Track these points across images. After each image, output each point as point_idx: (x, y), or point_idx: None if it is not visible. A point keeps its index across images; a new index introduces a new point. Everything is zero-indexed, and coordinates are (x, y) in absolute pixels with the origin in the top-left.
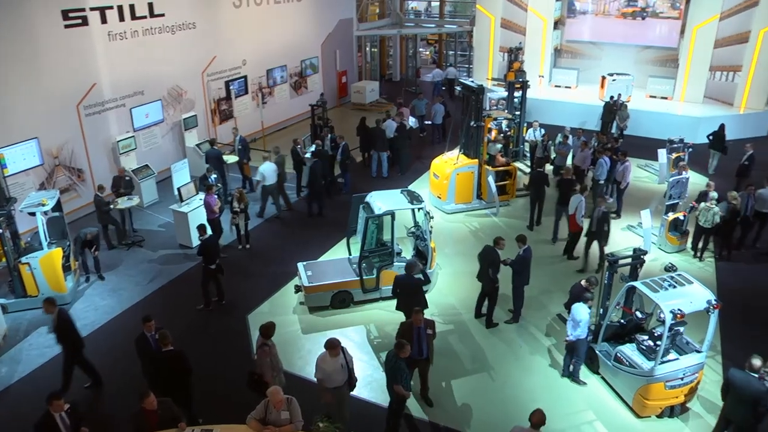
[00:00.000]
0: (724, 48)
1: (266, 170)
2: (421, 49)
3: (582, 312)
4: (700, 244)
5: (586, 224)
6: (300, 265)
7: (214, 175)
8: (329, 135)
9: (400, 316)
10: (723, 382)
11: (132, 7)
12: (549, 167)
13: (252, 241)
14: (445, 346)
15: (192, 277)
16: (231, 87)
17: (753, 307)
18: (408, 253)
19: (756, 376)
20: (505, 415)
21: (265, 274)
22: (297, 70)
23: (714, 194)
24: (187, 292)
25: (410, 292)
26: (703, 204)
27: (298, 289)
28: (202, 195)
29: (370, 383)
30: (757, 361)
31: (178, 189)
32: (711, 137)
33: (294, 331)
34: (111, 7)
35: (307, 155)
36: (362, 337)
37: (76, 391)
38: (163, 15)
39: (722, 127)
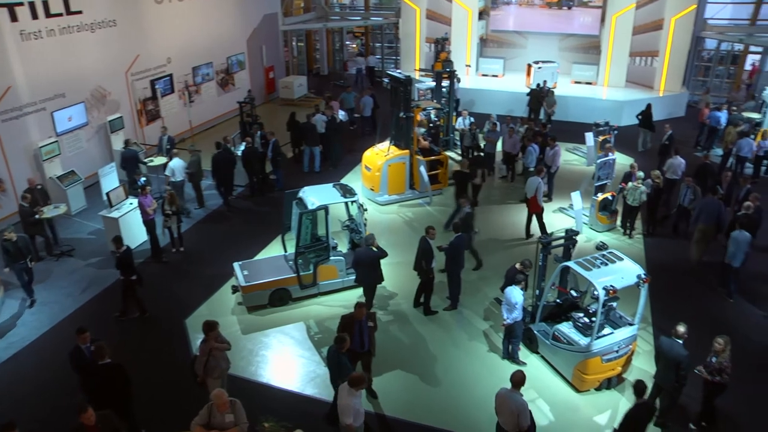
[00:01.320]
0: (642, 35)
1: (175, 166)
2: (347, 42)
3: (515, 295)
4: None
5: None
6: (236, 265)
7: (143, 178)
8: (259, 132)
9: (340, 311)
10: (655, 350)
11: (45, 4)
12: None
13: (186, 243)
14: (386, 337)
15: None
16: (156, 86)
17: (679, 278)
18: (344, 246)
19: (680, 342)
20: (449, 400)
21: (201, 277)
22: (223, 66)
23: (640, 174)
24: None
25: (369, 266)
26: (630, 183)
27: (235, 289)
28: (133, 199)
29: (314, 379)
30: (681, 328)
31: (107, 194)
32: (640, 117)
33: (234, 332)
34: (21, 4)
35: (238, 153)
36: (302, 333)
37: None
38: (80, 12)
39: (649, 106)
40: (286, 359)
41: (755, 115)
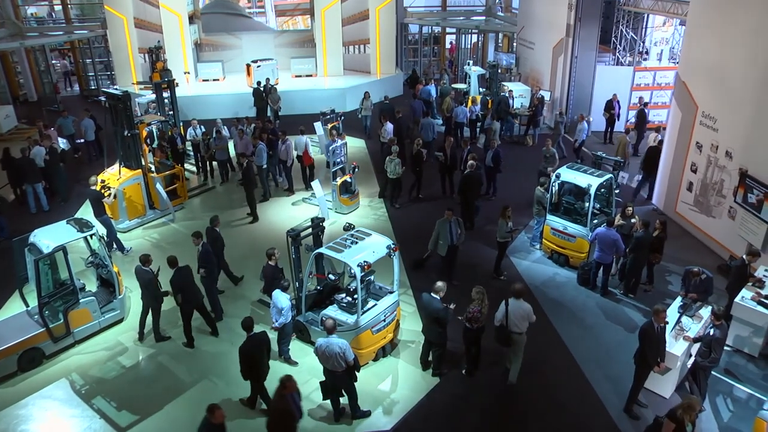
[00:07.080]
0: (352, 25)
1: None
2: (54, 61)
3: (282, 300)
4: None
5: None
6: None
7: None
8: None
9: (104, 354)
10: (418, 308)
11: None
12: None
13: None
14: (156, 368)
15: None
16: None
17: (425, 239)
18: (92, 284)
19: (438, 297)
20: (239, 413)
21: None
22: None
23: (395, 148)
24: None
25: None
26: (387, 158)
27: None
28: None
29: None
30: (439, 284)
31: None
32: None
33: None
34: None
35: None
36: (67, 390)
37: None
38: None
39: (414, 71)
40: (54, 425)
41: (462, 86)
